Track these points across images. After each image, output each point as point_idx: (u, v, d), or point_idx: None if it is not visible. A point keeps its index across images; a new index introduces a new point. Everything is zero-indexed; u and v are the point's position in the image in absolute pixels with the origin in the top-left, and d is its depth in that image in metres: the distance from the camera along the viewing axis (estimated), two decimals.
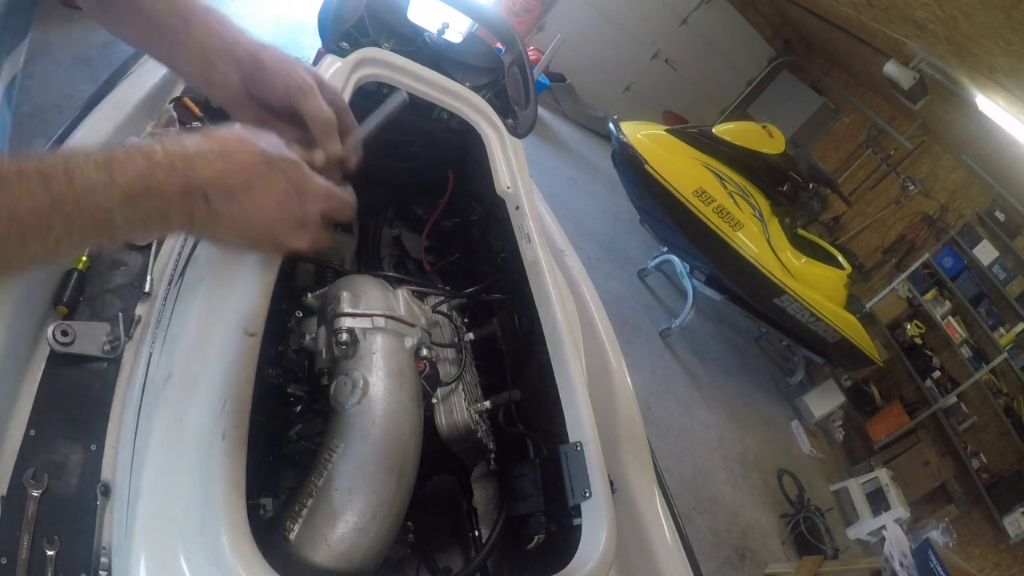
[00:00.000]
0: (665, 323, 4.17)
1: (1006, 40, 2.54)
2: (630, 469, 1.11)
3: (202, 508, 0.58)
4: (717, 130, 3.63)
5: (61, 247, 0.42)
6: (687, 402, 3.75)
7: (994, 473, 4.07)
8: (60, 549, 0.72)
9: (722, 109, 7.82)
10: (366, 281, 0.95)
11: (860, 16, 4.04)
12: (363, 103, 1.35)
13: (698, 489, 3.20)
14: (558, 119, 6.65)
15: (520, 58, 1.62)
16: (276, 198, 0.52)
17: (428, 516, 0.93)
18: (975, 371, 4.20)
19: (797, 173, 3.65)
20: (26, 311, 0.96)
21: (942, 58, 3.52)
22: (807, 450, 4.28)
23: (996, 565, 3.87)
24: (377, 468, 0.72)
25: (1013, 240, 4.37)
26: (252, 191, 0.50)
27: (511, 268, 1.27)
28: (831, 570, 2.75)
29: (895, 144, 5.82)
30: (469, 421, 0.97)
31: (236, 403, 0.64)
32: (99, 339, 0.99)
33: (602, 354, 1.32)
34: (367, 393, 0.77)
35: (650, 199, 3.60)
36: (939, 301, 4.64)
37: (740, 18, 7.05)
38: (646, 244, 4.99)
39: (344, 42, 1.32)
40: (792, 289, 3.68)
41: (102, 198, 0.43)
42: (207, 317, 0.77)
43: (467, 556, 1.01)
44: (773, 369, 5.03)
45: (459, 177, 1.58)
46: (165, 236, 0.50)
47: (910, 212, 5.55)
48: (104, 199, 0.43)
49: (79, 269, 1.11)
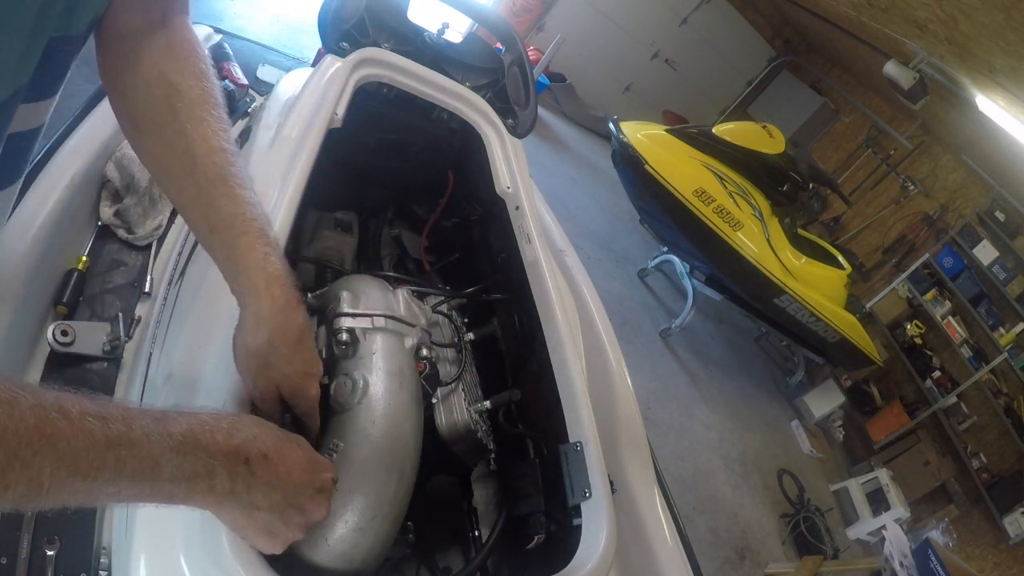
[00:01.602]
0: (665, 323, 4.17)
1: (1006, 40, 2.54)
2: (630, 469, 1.11)
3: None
4: (717, 130, 3.63)
5: (103, 490, 0.42)
6: (687, 402, 3.75)
7: (994, 473, 4.07)
8: (60, 549, 0.72)
9: (722, 109, 7.82)
10: (366, 281, 0.95)
11: (860, 16, 4.04)
12: (363, 103, 1.35)
13: (698, 489, 3.20)
14: (558, 119, 6.65)
15: (520, 58, 1.62)
16: (300, 465, 0.55)
17: (428, 516, 0.93)
18: (975, 371, 4.20)
19: (797, 173, 3.65)
20: (26, 311, 0.96)
21: (942, 58, 3.52)
22: (807, 450, 4.28)
23: (996, 565, 3.86)
24: (377, 468, 0.72)
25: (1013, 240, 4.36)
26: (283, 456, 0.53)
27: (511, 268, 1.27)
28: (831, 570, 2.75)
29: (895, 144, 5.82)
30: (469, 421, 0.97)
31: (236, 403, 0.64)
32: (99, 339, 0.99)
33: (602, 354, 1.32)
34: (367, 393, 0.77)
35: (650, 199, 3.60)
36: (939, 301, 4.63)
37: (740, 18, 7.05)
38: (646, 244, 4.98)
39: (344, 42, 1.33)
40: (792, 289, 3.68)
41: (156, 448, 0.44)
42: (207, 317, 0.77)
43: (467, 556, 1.01)
44: (773, 369, 5.03)
45: (459, 177, 1.58)
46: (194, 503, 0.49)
47: (910, 212, 5.54)
48: (157, 449, 0.44)
49: (79, 269, 1.11)
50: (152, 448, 0.44)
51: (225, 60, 2.08)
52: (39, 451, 0.37)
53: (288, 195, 0.93)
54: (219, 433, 0.49)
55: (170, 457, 0.45)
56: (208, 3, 4.07)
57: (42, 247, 1.00)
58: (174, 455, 0.45)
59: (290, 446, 0.55)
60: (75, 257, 1.14)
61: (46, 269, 1.03)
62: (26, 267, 0.95)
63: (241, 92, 1.98)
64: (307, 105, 1.16)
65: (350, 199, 1.48)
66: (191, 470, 0.46)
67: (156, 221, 1.31)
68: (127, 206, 1.27)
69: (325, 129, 1.11)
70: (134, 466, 0.43)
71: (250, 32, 4.03)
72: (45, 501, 0.39)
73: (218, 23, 3.80)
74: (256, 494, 0.51)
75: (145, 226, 1.29)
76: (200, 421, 0.49)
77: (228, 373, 0.66)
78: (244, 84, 2.04)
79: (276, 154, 1.08)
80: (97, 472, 0.40)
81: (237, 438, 0.50)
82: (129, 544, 0.61)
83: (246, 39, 3.80)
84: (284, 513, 0.54)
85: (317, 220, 1.40)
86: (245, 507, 0.51)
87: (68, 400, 0.40)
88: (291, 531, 0.56)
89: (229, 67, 2.05)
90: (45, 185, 1.07)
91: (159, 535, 0.60)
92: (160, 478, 0.45)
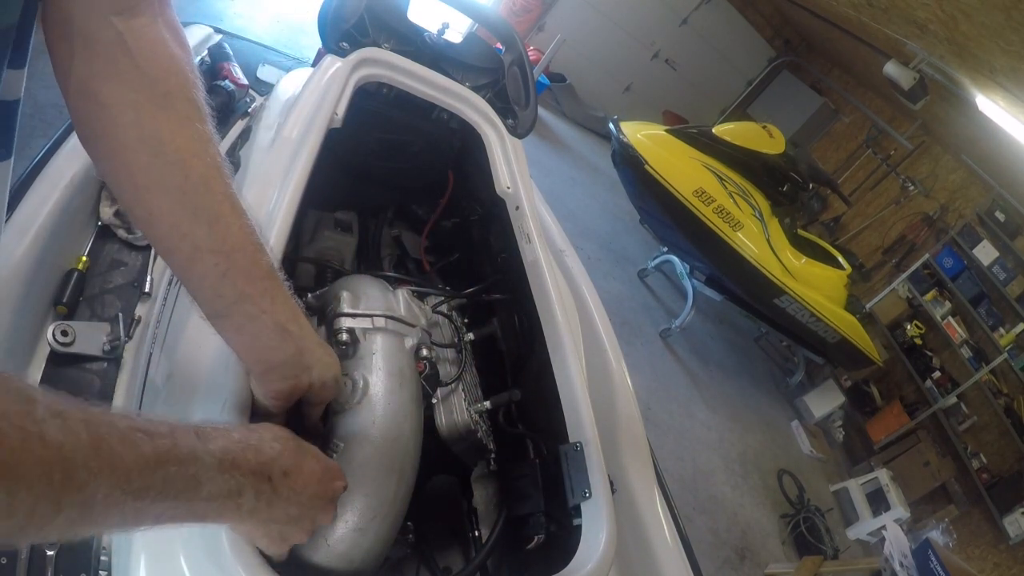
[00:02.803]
0: (665, 323, 4.17)
1: (1006, 40, 2.54)
2: (630, 469, 1.11)
3: None
4: (717, 130, 3.63)
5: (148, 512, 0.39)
6: (687, 402, 3.75)
7: (994, 473, 4.07)
8: (60, 549, 0.72)
9: (722, 109, 7.82)
10: (366, 281, 0.95)
11: (860, 16, 4.04)
12: (363, 103, 1.35)
13: (698, 489, 3.20)
14: (558, 119, 6.64)
15: (520, 58, 1.62)
16: (316, 477, 0.54)
17: (428, 516, 0.93)
18: (975, 371, 4.20)
19: (797, 173, 3.65)
20: (26, 311, 0.96)
21: (942, 58, 3.52)
22: (807, 450, 4.28)
23: (996, 565, 3.86)
24: (377, 468, 0.72)
25: (1013, 240, 4.36)
26: (301, 471, 0.52)
27: (511, 268, 1.27)
28: (831, 570, 2.75)
29: (895, 144, 5.82)
30: (469, 421, 0.97)
31: (236, 403, 0.64)
32: (99, 339, 0.99)
33: (602, 354, 1.32)
34: (367, 393, 0.77)
35: (650, 199, 3.60)
36: (939, 301, 4.63)
37: (740, 18, 7.05)
38: (646, 244, 4.98)
39: (344, 42, 1.33)
40: (792, 289, 3.68)
41: (200, 467, 0.42)
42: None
43: (467, 556, 1.01)
44: (773, 369, 5.03)
45: (459, 177, 1.58)
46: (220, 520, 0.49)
47: (910, 212, 5.54)
48: (200, 467, 0.42)
49: (79, 269, 1.11)
50: (197, 468, 0.42)
51: (225, 60, 2.08)
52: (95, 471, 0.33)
53: (288, 195, 0.93)
54: (250, 451, 0.48)
55: (212, 475, 0.43)
56: (208, 3, 4.07)
57: (42, 247, 1.00)
58: (216, 473, 0.44)
59: (307, 459, 0.54)
60: (75, 257, 1.14)
61: (46, 269, 1.03)
62: (26, 267, 0.95)
63: (241, 92, 1.98)
64: (307, 105, 1.16)
65: (350, 199, 1.48)
66: (226, 489, 0.45)
67: None
68: None
69: (325, 129, 1.11)
70: (177, 487, 0.40)
71: (250, 32, 4.03)
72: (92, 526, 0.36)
73: (218, 23, 3.80)
74: (276, 510, 0.50)
75: None
76: (232, 439, 0.47)
77: (228, 373, 0.66)
78: (244, 84, 2.03)
79: (276, 154, 1.08)
80: (146, 492, 0.38)
81: (264, 456, 0.49)
82: (129, 544, 0.61)
83: (246, 39, 3.80)
84: (297, 523, 0.54)
85: (317, 220, 1.40)
86: (263, 522, 0.51)
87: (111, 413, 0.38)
88: (300, 537, 0.55)
89: (229, 67, 2.04)
90: (45, 185, 1.07)
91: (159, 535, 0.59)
92: (198, 497, 0.42)
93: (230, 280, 0.56)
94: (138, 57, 0.52)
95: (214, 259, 0.55)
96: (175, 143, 0.53)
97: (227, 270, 0.56)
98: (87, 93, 0.51)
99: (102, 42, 0.50)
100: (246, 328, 0.59)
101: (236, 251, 0.56)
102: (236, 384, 0.65)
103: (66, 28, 0.50)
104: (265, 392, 0.64)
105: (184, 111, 0.55)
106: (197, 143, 0.55)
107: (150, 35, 0.53)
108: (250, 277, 0.57)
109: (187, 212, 0.54)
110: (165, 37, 0.54)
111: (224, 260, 0.55)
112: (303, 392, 0.65)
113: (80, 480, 0.32)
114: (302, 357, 0.63)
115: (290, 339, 0.61)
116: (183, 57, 0.56)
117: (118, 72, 0.51)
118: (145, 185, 0.53)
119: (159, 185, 0.53)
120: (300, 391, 0.65)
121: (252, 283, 0.58)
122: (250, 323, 0.58)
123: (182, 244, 0.55)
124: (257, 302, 0.58)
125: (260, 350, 0.61)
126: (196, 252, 0.55)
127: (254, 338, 0.59)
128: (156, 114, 0.53)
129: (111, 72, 0.51)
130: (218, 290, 0.56)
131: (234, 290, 0.57)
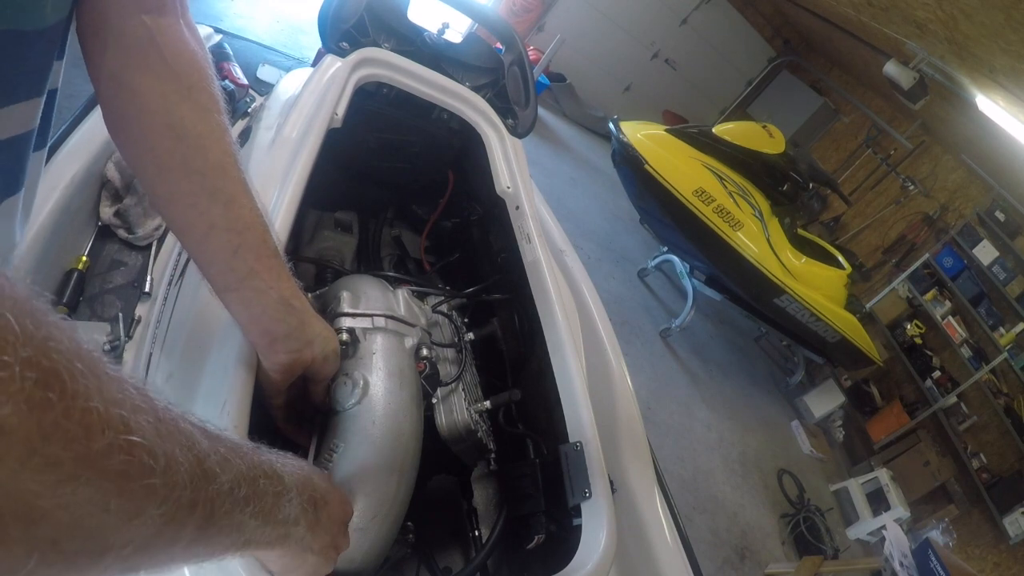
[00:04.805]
0: (665, 323, 4.17)
1: (1006, 40, 2.55)
2: (630, 469, 1.11)
3: None
4: (717, 130, 3.63)
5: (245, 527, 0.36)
6: (687, 402, 3.75)
7: (994, 473, 4.07)
8: None
9: (722, 109, 7.82)
10: (366, 281, 0.95)
11: (860, 16, 4.04)
12: (363, 103, 1.35)
13: (698, 489, 3.20)
14: (558, 119, 6.65)
15: (520, 58, 1.62)
16: (340, 503, 0.55)
17: (428, 516, 0.93)
18: (975, 371, 4.20)
19: (797, 173, 3.65)
20: None
21: (942, 58, 3.52)
22: (807, 450, 4.28)
23: (996, 565, 3.87)
24: (377, 468, 0.72)
25: (1013, 240, 4.37)
26: (331, 499, 0.53)
27: (511, 268, 1.27)
28: (831, 570, 2.75)
29: (895, 144, 5.82)
30: (469, 421, 0.97)
31: (236, 403, 0.64)
32: (99, 339, 0.99)
33: (602, 354, 1.32)
34: (367, 393, 0.77)
35: (650, 199, 3.60)
36: (939, 301, 4.64)
37: (740, 18, 7.05)
38: (646, 244, 4.99)
39: (344, 42, 1.32)
40: (792, 289, 3.68)
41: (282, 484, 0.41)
42: (207, 318, 0.77)
43: (467, 556, 1.01)
44: (773, 369, 5.03)
45: (459, 177, 1.58)
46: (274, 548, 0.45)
47: (910, 212, 5.55)
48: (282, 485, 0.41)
49: (79, 269, 1.11)
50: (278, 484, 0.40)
51: (225, 60, 2.08)
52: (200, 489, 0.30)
53: (288, 195, 0.93)
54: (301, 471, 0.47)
55: (292, 496, 0.42)
56: (208, 3, 4.07)
57: (42, 247, 1.00)
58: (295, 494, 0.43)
59: (333, 487, 0.54)
60: (75, 257, 1.14)
61: (46, 269, 1.03)
62: (26, 267, 0.95)
63: (241, 92, 1.98)
64: (307, 105, 1.16)
65: (350, 199, 1.48)
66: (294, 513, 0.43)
67: (156, 221, 1.31)
68: (127, 206, 1.27)
69: (325, 129, 1.11)
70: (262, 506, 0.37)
71: (250, 32, 4.03)
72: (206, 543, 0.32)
73: (218, 23, 3.80)
74: (316, 540, 0.50)
75: (145, 226, 1.29)
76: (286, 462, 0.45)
77: (228, 373, 0.66)
78: (244, 84, 2.04)
79: (276, 154, 1.08)
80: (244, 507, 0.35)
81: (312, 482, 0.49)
82: None
83: (246, 39, 3.80)
84: (328, 553, 0.53)
85: (317, 220, 1.40)
86: (304, 551, 0.50)
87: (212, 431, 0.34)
88: (327, 568, 0.54)
89: (229, 67, 2.05)
90: (45, 185, 1.07)
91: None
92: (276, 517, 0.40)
93: (241, 256, 0.60)
94: (166, 52, 0.57)
95: (228, 236, 0.59)
96: (197, 130, 0.58)
97: (239, 247, 0.60)
98: (119, 82, 0.56)
99: (134, 37, 0.55)
100: (254, 301, 0.62)
101: (248, 230, 0.60)
102: (236, 384, 0.65)
103: (100, 24, 0.54)
104: (271, 365, 0.67)
105: (204, 102, 0.59)
106: (216, 131, 0.60)
107: (175, 33, 0.58)
108: (259, 255, 0.61)
109: (205, 193, 0.58)
110: (187, 36, 0.60)
111: (236, 237, 0.60)
112: (306, 366, 0.68)
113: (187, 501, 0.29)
114: (304, 330, 0.66)
115: (294, 313, 0.65)
116: (202, 54, 0.61)
117: (148, 65, 0.56)
118: (169, 167, 0.57)
119: (182, 167, 0.57)
120: (303, 364, 0.68)
121: (260, 260, 0.61)
122: (257, 297, 0.62)
123: (199, 222, 0.59)
124: (264, 278, 0.62)
125: (266, 322, 0.64)
126: (212, 230, 0.59)
127: (262, 311, 0.63)
128: (181, 103, 0.57)
129: (142, 64, 0.56)
130: (230, 264, 0.60)
131: (244, 266, 0.60)
